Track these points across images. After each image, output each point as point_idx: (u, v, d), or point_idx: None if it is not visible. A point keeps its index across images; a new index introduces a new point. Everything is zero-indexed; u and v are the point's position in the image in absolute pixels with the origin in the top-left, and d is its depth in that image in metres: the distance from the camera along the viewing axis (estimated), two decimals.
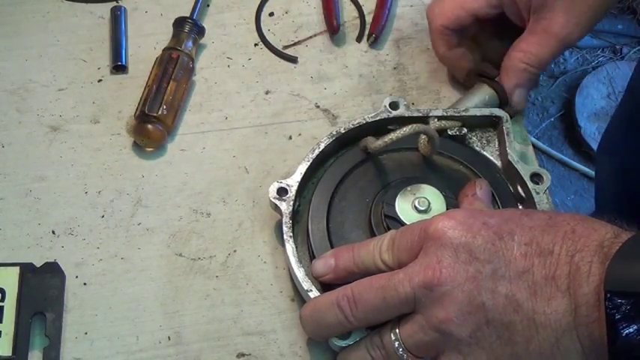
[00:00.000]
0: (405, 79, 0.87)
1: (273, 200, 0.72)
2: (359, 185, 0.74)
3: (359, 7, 0.92)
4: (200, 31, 0.87)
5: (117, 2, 0.90)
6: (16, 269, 0.71)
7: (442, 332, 0.58)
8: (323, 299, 0.65)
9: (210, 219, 0.78)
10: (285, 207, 0.72)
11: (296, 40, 0.90)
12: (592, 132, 2.04)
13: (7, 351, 0.68)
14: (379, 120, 0.76)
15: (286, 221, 0.71)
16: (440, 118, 0.76)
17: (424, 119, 0.75)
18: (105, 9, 0.90)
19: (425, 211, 0.68)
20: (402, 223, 0.67)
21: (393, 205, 0.68)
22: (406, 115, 0.76)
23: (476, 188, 0.69)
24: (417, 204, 0.68)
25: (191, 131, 0.83)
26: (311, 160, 0.74)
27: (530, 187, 0.73)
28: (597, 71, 2.14)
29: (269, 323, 0.73)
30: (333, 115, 0.85)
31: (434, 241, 0.59)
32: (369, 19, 0.91)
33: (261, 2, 0.92)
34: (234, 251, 0.77)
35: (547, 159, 2.03)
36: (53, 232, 0.77)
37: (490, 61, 0.82)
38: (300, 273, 0.69)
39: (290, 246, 0.70)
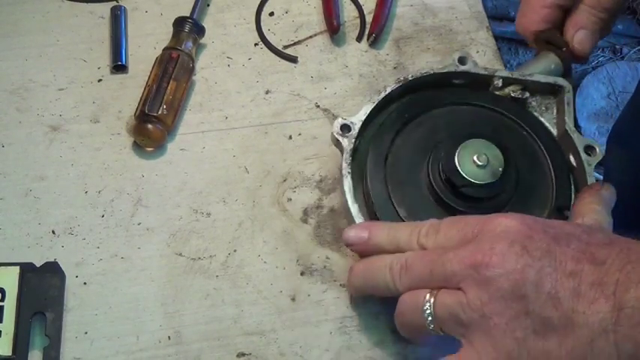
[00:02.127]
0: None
1: (336, 135, 0.73)
2: (419, 134, 0.75)
3: (359, 7, 0.92)
4: (200, 31, 0.87)
5: (117, 2, 0.90)
6: (16, 269, 0.71)
7: (480, 314, 0.58)
8: (378, 260, 0.67)
9: (210, 219, 0.78)
10: (347, 143, 0.73)
11: (296, 39, 0.90)
12: (592, 132, 2.04)
13: (7, 351, 0.68)
14: (447, 73, 0.77)
15: (346, 157, 0.73)
16: (505, 78, 0.77)
17: (489, 78, 0.78)
18: (105, 9, 0.90)
19: (484, 166, 0.69)
20: (462, 176, 0.69)
21: (453, 158, 0.70)
22: (472, 71, 0.77)
23: (602, 189, 0.70)
24: (477, 159, 0.69)
25: (191, 131, 0.83)
26: (376, 102, 0.75)
27: (583, 158, 0.74)
28: (597, 71, 2.14)
29: (269, 323, 0.73)
30: (333, 115, 0.85)
31: (490, 232, 0.60)
32: (369, 18, 0.91)
33: (261, 2, 0.92)
34: (234, 251, 0.77)
35: None
36: (53, 232, 0.76)
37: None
38: (354, 209, 0.71)
39: (347, 181, 0.72)
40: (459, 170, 0.69)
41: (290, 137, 0.83)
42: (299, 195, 0.80)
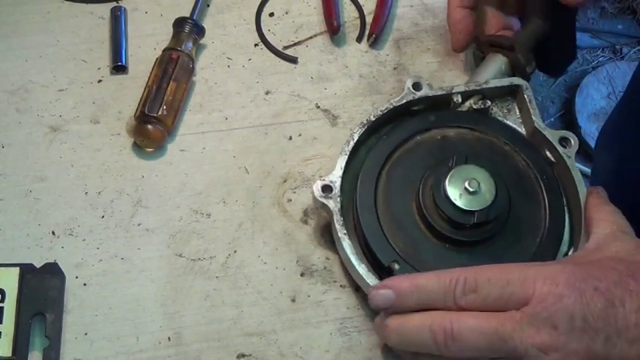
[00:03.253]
0: (405, 79, 0.87)
1: (320, 199, 0.72)
2: (401, 170, 0.74)
3: (359, 7, 0.92)
4: (200, 32, 0.87)
5: (117, 2, 0.90)
6: (16, 270, 0.71)
7: None
8: (416, 320, 0.62)
9: (211, 219, 0.78)
10: (334, 205, 0.72)
11: (296, 40, 0.90)
12: (592, 132, 2.04)
13: (7, 352, 0.68)
14: (405, 103, 0.76)
15: (337, 219, 0.71)
16: (462, 93, 0.77)
17: (448, 96, 0.77)
18: (105, 9, 0.89)
19: (476, 192, 0.68)
20: (456, 206, 0.68)
21: (443, 190, 0.69)
22: (430, 95, 0.77)
23: (600, 191, 0.70)
24: (468, 185, 0.68)
25: (191, 131, 0.83)
26: (348, 153, 0.74)
27: (560, 151, 0.74)
28: (597, 71, 2.14)
29: (269, 324, 0.73)
30: (333, 116, 0.85)
31: (546, 305, 0.58)
32: (369, 19, 0.91)
33: (261, 2, 0.92)
34: (235, 252, 0.77)
35: None
36: (53, 233, 0.76)
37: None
38: (362, 269, 0.69)
39: (347, 243, 0.70)
40: (455, 202, 0.68)
41: (290, 138, 0.83)
42: (299, 196, 0.80)
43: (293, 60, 0.88)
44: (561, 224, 0.72)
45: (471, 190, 0.68)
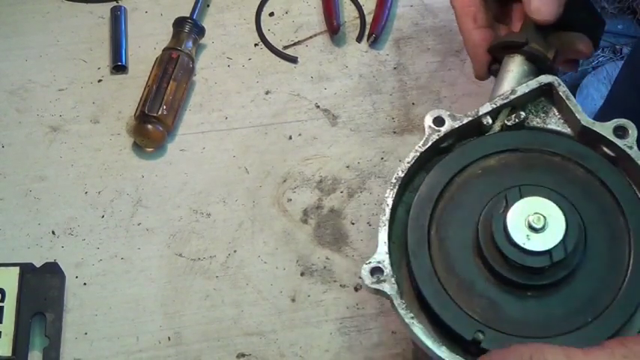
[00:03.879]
0: (405, 79, 0.87)
1: (372, 287, 0.61)
2: (452, 225, 0.64)
3: (359, 7, 0.92)
4: (200, 31, 0.87)
5: (117, 2, 0.90)
6: (16, 269, 0.71)
7: None
8: None
9: (211, 219, 0.78)
10: (389, 287, 0.61)
11: (296, 40, 0.90)
12: None
13: (7, 351, 0.68)
14: (432, 145, 0.66)
15: (399, 303, 0.60)
16: (490, 112, 0.67)
17: (478, 122, 0.67)
18: (105, 9, 0.89)
19: (544, 228, 0.59)
20: (527, 250, 0.59)
21: (507, 236, 0.59)
22: (456, 126, 0.66)
23: None
24: (533, 222, 0.59)
25: (191, 131, 0.83)
26: (387, 223, 0.63)
27: (619, 144, 0.64)
28: (597, 71, 2.14)
29: (269, 323, 0.73)
30: (333, 115, 0.85)
31: None
32: (369, 19, 0.91)
33: (261, 2, 0.92)
34: (234, 251, 0.77)
35: None
36: (53, 233, 0.76)
37: None
38: (443, 352, 0.59)
39: (418, 328, 0.60)
40: (518, 244, 0.59)
41: (290, 137, 0.83)
42: (299, 195, 0.80)
43: (293, 60, 0.88)
44: None
45: (537, 227, 0.59)
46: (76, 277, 0.74)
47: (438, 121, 0.67)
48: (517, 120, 0.67)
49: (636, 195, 0.64)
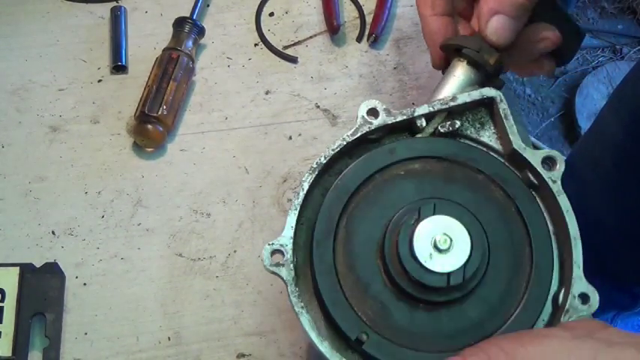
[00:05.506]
0: (405, 79, 0.87)
1: (270, 268, 0.60)
2: (362, 222, 0.63)
3: (359, 7, 0.92)
4: (200, 31, 0.87)
5: (117, 2, 0.90)
6: (16, 269, 0.71)
7: None
8: None
9: (210, 219, 0.78)
10: (286, 273, 0.60)
11: (296, 40, 0.90)
12: None
13: (6, 351, 0.68)
14: (361, 136, 0.65)
15: (292, 290, 0.60)
16: (426, 115, 0.66)
17: (411, 121, 0.66)
18: (105, 9, 0.89)
19: (446, 251, 0.59)
20: (426, 269, 0.58)
21: (410, 250, 0.59)
22: (389, 122, 0.65)
23: None
24: (439, 242, 0.59)
25: (191, 131, 0.83)
26: (298, 208, 0.63)
27: (545, 175, 0.63)
28: (597, 71, 2.14)
29: (269, 324, 0.73)
30: (333, 115, 0.85)
31: None
32: (369, 19, 0.91)
33: (261, 2, 0.92)
34: (234, 251, 0.77)
35: None
36: (53, 233, 0.76)
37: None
38: (324, 347, 0.59)
39: (305, 319, 0.59)
40: (424, 264, 0.58)
41: (290, 138, 0.83)
42: None
43: (293, 60, 0.88)
44: (549, 262, 0.63)
45: (442, 248, 0.58)
46: (76, 277, 0.74)
47: (372, 113, 0.66)
48: (451, 128, 0.67)
49: (548, 230, 0.64)
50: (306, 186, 0.64)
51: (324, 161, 0.65)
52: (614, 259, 1.24)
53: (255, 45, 0.89)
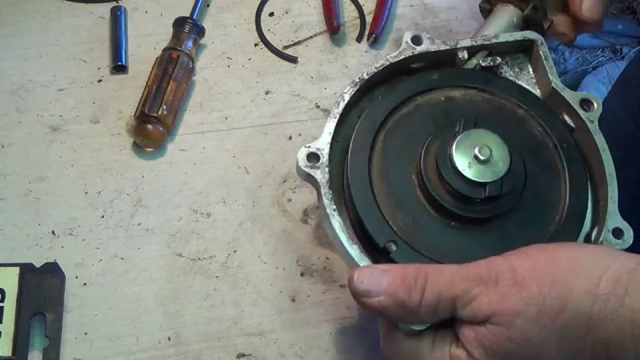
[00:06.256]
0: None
1: (305, 169, 0.62)
2: (400, 137, 0.64)
3: (359, 7, 0.92)
4: (200, 31, 0.87)
5: (117, 2, 0.90)
6: (16, 269, 0.71)
7: None
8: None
9: (210, 219, 0.78)
10: (321, 176, 0.61)
11: (296, 40, 0.90)
12: None
13: (6, 351, 0.68)
14: (403, 59, 0.67)
15: (325, 192, 0.61)
16: (469, 48, 0.68)
17: (452, 51, 0.68)
18: (105, 9, 0.89)
19: (487, 161, 0.59)
20: (464, 177, 0.59)
21: (450, 158, 0.59)
22: (432, 50, 0.67)
23: None
24: (478, 153, 0.59)
25: (191, 131, 0.83)
26: (337, 116, 0.64)
27: (582, 115, 0.65)
28: (597, 71, 2.14)
29: (269, 323, 0.73)
30: None
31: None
32: (369, 19, 0.91)
33: (261, 2, 0.92)
34: (234, 251, 0.77)
35: None
36: (53, 233, 0.76)
37: None
38: (354, 251, 0.59)
39: (336, 220, 0.60)
40: (458, 168, 0.59)
41: (290, 138, 0.83)
42: (299, 195, 0.80)
43: (293, 60, 0.88)
44: (584, 200, 0.63)
45: (481, 158, 0.59)
46: (76, 277, 0.74)
47: (416, 40, 0.67)
48: (492, 63, 0.69)
49: (584, 168, 0.65)
50: (347, 97, 0.65)
51: (366, 77, 0.66)
52: None
53: (255, 45, 0.89)
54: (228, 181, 0.80)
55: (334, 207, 0.61)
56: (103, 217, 0.78)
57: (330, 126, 0.64)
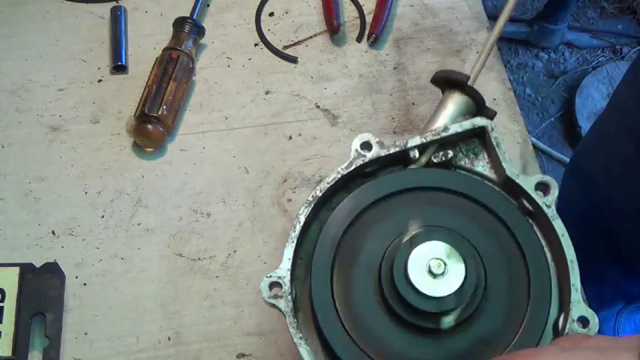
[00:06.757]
0: (405, 79, 0.87)
1: (269, 301, 0.61)
2: (357, 254, 0.64)
3: (359, 7, 0.92)
4: (200, 31, 0.87)
5: (117, 2, 0.90)
6: (16, 269, 0.71)
7: None
8: None
9: (210, 219, 0.78)
10: (284, 304, 0.61)
11: (296, 40, 0.90)
12: None
13: (7, 351, 0.68)
14: (355, 169, 0.66)
15: (291, 321, 0.60)
16: (419, 146, 0.67)
17: (404, 152, 0.67)
18: (105, 9, 0.89)
19: (442, 275, 0.59)
20: (421, 294, 0.59)
21: (405, 272, 0.59)
22: (383, 154, 0.66)
23: None
24: (433, 267, 0.59)
25: (191, 131, 0.83)
26: (295, 240, 0.63)
27: (539, 201, 0.64)
28: (597, 71, 2.14)
29: (269, 324, 0.73)
30: (333, 115, 0.85)
31: None
32: (369, 19, 0.91)
33: (261, 2, 0.92)
34: (234, 251, 0.77)
35: (547, 159, 2.03)
36: (53, 233, 0.76)
37: None
38: None
39: (304, 350, 0.60)
40: (420, 290, 0.59)
41: (290, 138, 0.83)
42: (299, 195, 0.80)
43: (293, 60, 0.88)
44: (547, 289, 0.62)
45: (436, 273, 0.59)
46: (76, 277, 0.74)
47: (366, 146, 0.66)
48: (444, 158, 0.68)
49: (545, 256, 0.64)
50: (302, 219, 0.64)
51: (320, 194, 0.65)
52: (631, 243, 1.24)
53: (255, 45, 0.89)
54: (228, 181, 0.80)
55: (300, 335, 0.60)
56: (103, 217, 0.78)
57: (289, 251, 0.63)
